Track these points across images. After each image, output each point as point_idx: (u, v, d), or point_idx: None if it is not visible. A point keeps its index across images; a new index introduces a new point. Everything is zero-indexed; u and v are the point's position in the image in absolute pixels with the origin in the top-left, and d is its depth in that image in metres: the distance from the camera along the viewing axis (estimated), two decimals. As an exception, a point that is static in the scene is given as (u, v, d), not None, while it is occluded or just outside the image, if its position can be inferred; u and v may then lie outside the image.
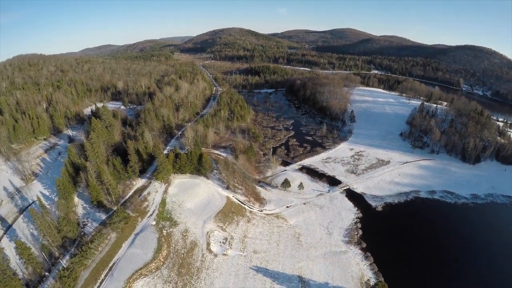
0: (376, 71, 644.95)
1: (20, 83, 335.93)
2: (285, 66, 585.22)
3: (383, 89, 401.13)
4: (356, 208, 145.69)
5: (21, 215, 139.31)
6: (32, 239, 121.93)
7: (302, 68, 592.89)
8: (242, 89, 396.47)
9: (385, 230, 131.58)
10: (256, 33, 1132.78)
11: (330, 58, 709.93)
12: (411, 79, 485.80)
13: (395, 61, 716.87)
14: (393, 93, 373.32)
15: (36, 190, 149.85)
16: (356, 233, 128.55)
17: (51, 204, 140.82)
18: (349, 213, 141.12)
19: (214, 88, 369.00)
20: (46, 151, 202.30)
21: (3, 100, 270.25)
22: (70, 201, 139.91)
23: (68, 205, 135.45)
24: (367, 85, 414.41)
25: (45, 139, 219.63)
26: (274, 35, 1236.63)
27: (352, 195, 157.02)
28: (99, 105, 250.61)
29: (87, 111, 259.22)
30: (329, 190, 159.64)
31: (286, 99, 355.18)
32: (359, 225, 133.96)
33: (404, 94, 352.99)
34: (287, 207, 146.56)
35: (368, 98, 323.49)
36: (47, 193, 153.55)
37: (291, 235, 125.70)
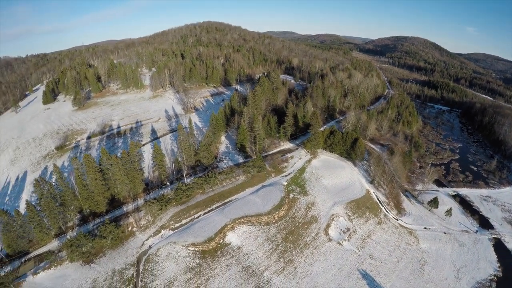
0: None
1: (205, 42, 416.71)
2: (466, 89, 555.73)
3: None
4: (499, 265, 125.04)
5: (170, 134, 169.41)
6: (170, 154, 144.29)
7: (484, 96, 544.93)
8: (416, 98, 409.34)
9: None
10: (440, 47, 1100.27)
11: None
12: None
13: None
14: None
15: (192, 120, 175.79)
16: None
17: (199, 134, 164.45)
18: (489, 266, 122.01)
19: (387, 90, 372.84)
20: (212, 95, 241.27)
21: (188, 50, 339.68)
22: (217, 137, 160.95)
23: (214, 139, 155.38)
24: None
25: (214, 87, 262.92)
26: (460, 54, 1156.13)
27: (500, 248, 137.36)
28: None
29: (258, 75, 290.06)
30: (477, 231, 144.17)
31: (460, 122, 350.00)
32: (494, 284, 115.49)
33: None
34: (425, 228, 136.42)
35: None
36: (200, 125, 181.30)
37: (416, 259, 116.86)
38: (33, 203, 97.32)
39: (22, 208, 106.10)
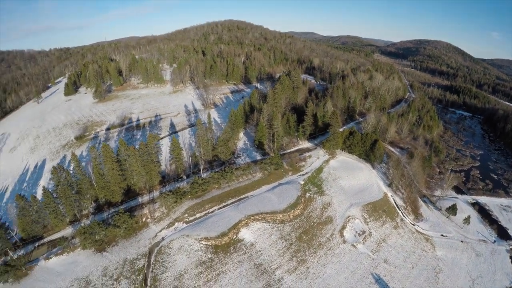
0: None
1: (226, 40, 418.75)
2: (489, 95, 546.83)
3: None
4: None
5: (189, 128, 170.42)
6: (188, 148, 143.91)
7: (507, 103, 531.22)
8: (437, 103, 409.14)
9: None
10: (463, 52, 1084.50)
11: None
12: None
13: None
14: None
15: (211, 116, 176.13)
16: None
17: (217, 130, 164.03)
18: (505, 278, 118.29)
19: (408, 93, 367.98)
20: (232, 92, 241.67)
21: (209, 47, 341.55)
22: (236, 133, 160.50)
23: (233, 135, 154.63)
24: None
25: (234, 84, 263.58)
26: (483, 60, 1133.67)
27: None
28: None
29: (278, 74, 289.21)
30: (494, 241, 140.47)
31: (481, 128, 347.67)
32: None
33: None
34: (442, 235, 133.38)
35: None
36: (219, 121, 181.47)
37: (431, 266, 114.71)
38: (50, 190, 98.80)
39: (39, 194, 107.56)
